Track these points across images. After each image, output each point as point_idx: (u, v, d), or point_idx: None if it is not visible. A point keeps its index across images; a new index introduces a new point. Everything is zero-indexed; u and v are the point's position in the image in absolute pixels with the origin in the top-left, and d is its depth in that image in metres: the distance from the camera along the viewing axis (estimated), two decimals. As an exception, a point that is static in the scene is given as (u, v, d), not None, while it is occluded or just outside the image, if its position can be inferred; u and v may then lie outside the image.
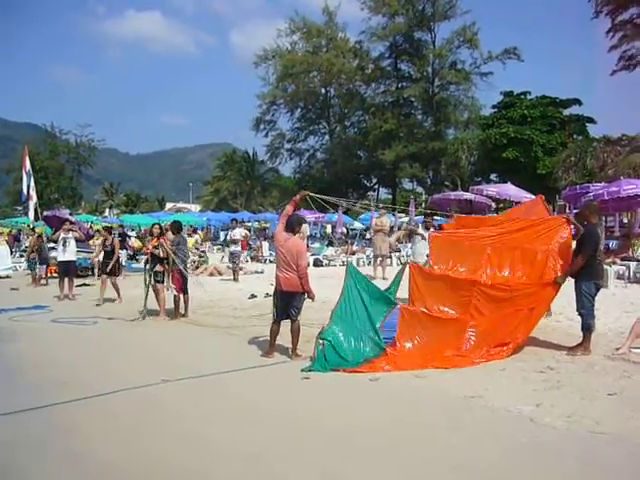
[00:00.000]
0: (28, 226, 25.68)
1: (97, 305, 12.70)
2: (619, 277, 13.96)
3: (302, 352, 7.46)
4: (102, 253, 13.57)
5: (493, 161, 44.53)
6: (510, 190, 22.50)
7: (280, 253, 7.53)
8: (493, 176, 48.03)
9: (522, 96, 47.45)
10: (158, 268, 10.81)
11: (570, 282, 7.65)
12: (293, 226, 7.65)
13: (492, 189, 23.49)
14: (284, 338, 7.64)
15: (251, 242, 28.15)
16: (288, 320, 7.56)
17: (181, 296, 10.99)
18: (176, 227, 11.48)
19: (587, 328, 7.46)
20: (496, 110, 48.47)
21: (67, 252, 14.31)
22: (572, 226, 8.11)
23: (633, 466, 4.21)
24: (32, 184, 20.85)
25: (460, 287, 7.89)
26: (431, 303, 7.80)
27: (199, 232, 28.04)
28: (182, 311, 10.99)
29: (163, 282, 10.84)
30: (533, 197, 13.45)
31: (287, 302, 7.54)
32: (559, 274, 7.62)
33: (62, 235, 14.38)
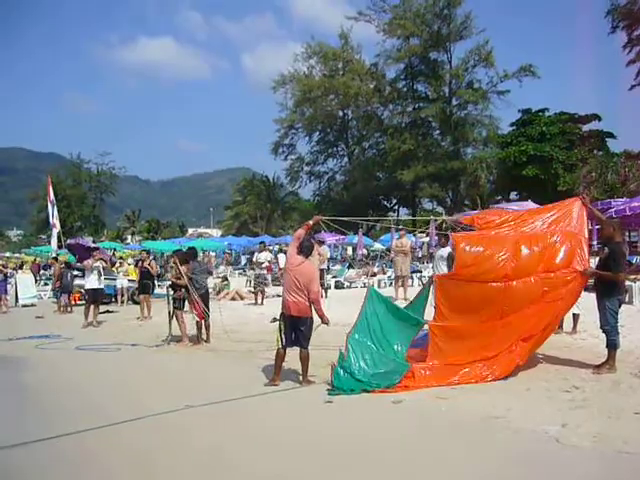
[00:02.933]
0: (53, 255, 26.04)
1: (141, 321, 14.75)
2: (645, 293, 13.70)
3: (314, 378, 7.43)
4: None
5: (513, 179, 44.26)
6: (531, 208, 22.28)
7: (292, 277, 7.37)
8: (513, 194, 47.67)
9: (540, 113, 47.19)
10: (176, 295, 10.94)
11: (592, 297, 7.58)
12: (307, 250, 7.57)
13: (513, 207, 23.28)
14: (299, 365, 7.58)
15: (273, 266, 28.22)
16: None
17: (202, 322, 11.06)
18: (190, 254, 11.58)
19: (612, 345, 7.36)
20: (514, 128, 48.24)
21: (97, 280, 14.86)
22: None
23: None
24: (55, 213, 21.30)
25: (489, 295, 7.74)
26: (458, 315, 7.70)
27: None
28: (204, 337, 11.05)
29: (182, 308, 10.95)
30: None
31: (295, 327, 7.40)
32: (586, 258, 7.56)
33: (93, 264, 14.81)
